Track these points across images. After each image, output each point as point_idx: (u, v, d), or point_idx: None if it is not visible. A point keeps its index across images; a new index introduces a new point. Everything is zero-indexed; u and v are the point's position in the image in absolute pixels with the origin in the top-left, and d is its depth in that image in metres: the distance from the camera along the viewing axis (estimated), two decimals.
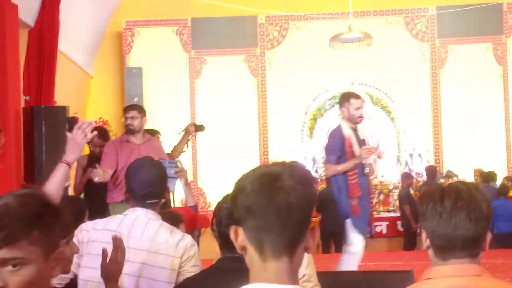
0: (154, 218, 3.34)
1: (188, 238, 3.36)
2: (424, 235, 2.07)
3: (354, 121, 6.08)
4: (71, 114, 11.97)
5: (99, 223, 3.36)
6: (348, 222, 6.03)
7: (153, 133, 8.49)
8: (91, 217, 3.93)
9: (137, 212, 3.35)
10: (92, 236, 3.26)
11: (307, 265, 3.35)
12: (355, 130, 6.10)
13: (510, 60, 13.95)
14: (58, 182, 3.17)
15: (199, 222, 5.09)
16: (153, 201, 3.36)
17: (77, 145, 3.30)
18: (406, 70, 13.89)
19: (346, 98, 6.18)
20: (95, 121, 13.66)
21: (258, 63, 14.09)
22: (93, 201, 5.94)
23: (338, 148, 5.97)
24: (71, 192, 7.59)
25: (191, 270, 3.21)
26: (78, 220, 3.68)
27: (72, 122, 7.48)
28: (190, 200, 5.32)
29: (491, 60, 13.97)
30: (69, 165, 3.24)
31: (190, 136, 7.76)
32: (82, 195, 6.94)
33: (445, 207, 1.99)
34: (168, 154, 7.63)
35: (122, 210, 6.04)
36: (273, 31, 14.16)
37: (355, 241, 5.90)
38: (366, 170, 6.12)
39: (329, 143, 6.15)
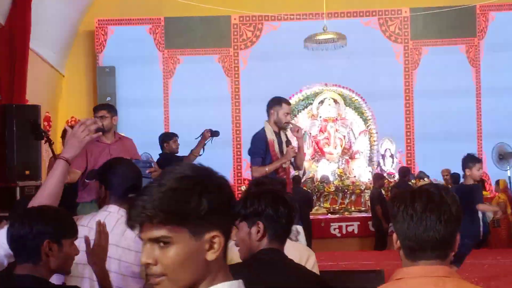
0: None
1: None
2: (395, 236, 2.09)
3: (281, 125, 6.14)
4: (42, 113, 11.91)
5: (83, 219, 3.40)
6: None
7: (171, 136, 8.53)
8: None
9: (110, 208, 3.37)
10: None
11: (313, 266, 3.36)
12: (278, 134, 6.14)
13: (483, 62, 14.09)
14: (57, 180, 3.10)
15: None
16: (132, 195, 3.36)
17: (78, 141, 3.18)
18: (379, 71, 13.98)
19: (277, 101, 6.22)
20: (67, 121, 13.54)
21: (231, 63, 14.08)
22: (63, 200, 5.86)
23: (262, 150, 6.01)
24: None
25: None
26: None
27: (35, 125, 7.39)
28: None
29: (464, 62, 14.10)
30: (68, 162, 3.15)
31: (206, 141, 8.09)
32: None
33: (416, 210, 2.01)
34: (185, 157, 8.17)
35: (91, 210, 6.01)
36: (247, 31, 14.16)
37: None
38: (286, 165, 6.11)
39: (252, 146, 6.17)
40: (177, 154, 8.68)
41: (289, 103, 6.32)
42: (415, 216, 2.00)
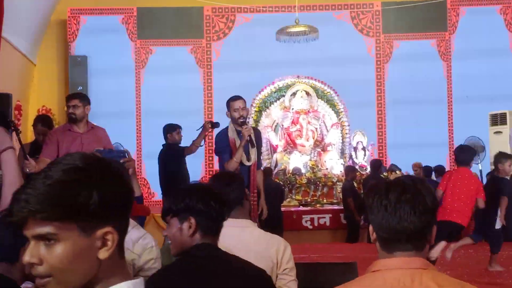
0: None
1: (149, 238, 3.28)
2: (371, 228, 2.09)
3: (236, 122, 6.24)
4: (14, 101, 11.75)
5: None
6: None
7: (175, 127, 8.49)
8: None
9: None
10: None
11: (290, 258, 3.36)
12: (240, 132, 6.24)
13: (454, 57, 14.24)
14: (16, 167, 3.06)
15: (136, 209, 5.01)
16: None
17: None
18: (351, 64, 14.05)
19: (227, 102, 6.38)
20: (38, 109, 13.40)
21: (204, 55, 14.04)
22: None
23: (227, 146, 6.20)
24: None
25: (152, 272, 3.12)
26: None
27: (2, 115, 7.28)
28: (137, 190, 5.25)
29: (435, 56, 14.24)
30: (12, 147, 3.11)
31: (207, 132, 8.34)
32: None
33: (390, 200, 1.99)
34: (186, 148, 8.33)
35: None
36: (220, 22, 14.12)
37: None
38: (249, 163, 6.25)
39: (216, 146, 6.37)
40: (180, 145, 8.76)
41: (236, 98, 6.36)
42: (389, 207, 1.99)
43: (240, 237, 3.30)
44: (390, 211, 1.99)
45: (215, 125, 8.02)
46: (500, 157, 7.83)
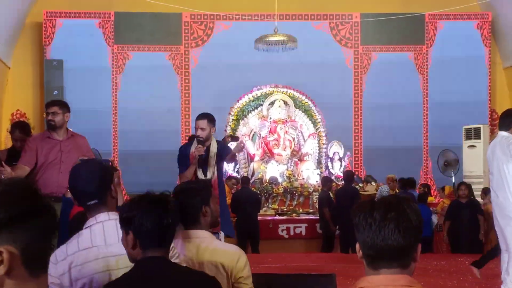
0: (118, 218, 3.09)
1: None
2: (357, 245, 2.10)
3: (198, 138, 6.41)
4: None
5: (69, 247, 3.04)
6: None
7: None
8: None
9: (99, 218, 3.08)
10: (72, 262, 2.99)
11: (244, 266, 3.32)
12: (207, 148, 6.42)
13: (430, 69, 14.36)
14: None
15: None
16: (92, 202, 3.08)
17: None
18: (329, 74, 14.12)
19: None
20: (12, 113, 13.23)
21: (182, 61, 13.99)
22: None
23: (183, 159, 6.41)
24: None
25: None
26: None
27: None
28: (120, 200, 5.16)
29: (412, 69, 14.36)
30: None
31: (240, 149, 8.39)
32: None
33: (375, 218, 2.01)
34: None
35: None
36: (198, 29, 14.09)
37: None
38: (208, 177, 6.39)
39: (178, 157, 6.53)
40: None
41: (199, 118, 6.51)
42: (373, 225, 2.01)
43: (196, 249, 3.27)
44: (374, 229, 2.01)
45: (234, 138, 8.66)
46: None
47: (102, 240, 3.03)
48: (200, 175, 6.34)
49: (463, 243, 10.40)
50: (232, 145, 8.54)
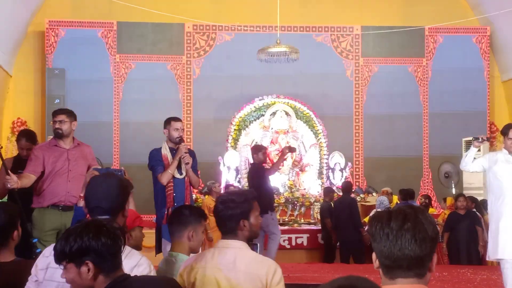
0: None
1: (144, 264, 3.14)
2: (374, 255, 2.14)
3: (174, 140, 6.62)
4: None
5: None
6: (163, 228, 6.30)
7: (260, 148, 9.57)
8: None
9: None
10: (50, 262, 3.00)
11: (280, 280, 3.29)
12: (173, 150, 6.60)
13: (430, 82, 14.44)
14: None
15: (138, 220, 5.02)
16: (103, 217, 3.04)
17: None
18: (330, 86, 14.20)
19: (167, 120, 6.76)
20: (13, 121, 13.23)
21: (184, 71, 14.03)
22: (15, 206, 5.69)
23: (159, 161, 6.53)
24: None
25: None
26: (12, 226, 3.53)
27: None
28: (131, 205, 5.20)
29: (412, 81, 14.44)
30: None
31: (285, 156, 9.27)
32: (5, 199, 6.62)
33: (392, 228, 2.06)
34: (267, 169, 9.20)
35: (47, 216, 5.92)
36: (200, 40, 14.14)
37: (167, 247, 6.03)
38: (181, 176, 6.57)
39: (150, 161, 6.64)
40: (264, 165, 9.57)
41: (178, 120, 6.85)
42: (390, 234, 2.06)
43: (233, 258, 3.27)
44: (391, 239, 2.06)
45: (292, 149, 9.15)
46: None
47: None
48: (176, 174, 6.52)
49: (461, 254, 10.44)
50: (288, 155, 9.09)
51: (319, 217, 11.89)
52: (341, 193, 12.25)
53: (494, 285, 8.25)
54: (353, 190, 12.55)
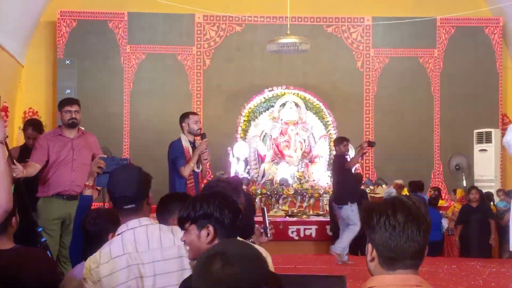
0: (150, 223, 3.18)
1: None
2: (369, 246, 2.11)
3: (194, 133, 6.74)
4: (0, 103, 11.68)
5: (102, 256, 3.07)
6: None
7: (342, 140, 9.58)
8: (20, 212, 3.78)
9: (130, 225, 3.14)
10: (105, 271, 3.03)
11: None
12: (192, 143, 6.71)
13: (442, 73, 14.36)
14: (3, 164, 2.95)
15: None
16: (129, 206, 3.16)
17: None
18: (341, 77, 14.16)
19: (186, 114, 6.89)
20: (25, 111, 13.31)
21: (194, 62, 14.03)
22: (21, 195, 5.72)
23: (182, 153, 6.59)
24: None
25: None
26: (10, 212, 3.53)
27: None
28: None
29: (423, 72, 14.36)
30: (2, 142, 3.05)
31: (364, 150, 9.37)
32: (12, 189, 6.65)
33: (398, 221, 2.04)
34: (347, 162, 9.38)
35: (52, 205, 5.95)
36: (211, 30, 14.13)
37: None
38: (198, 170, 6.71)
39: (173, 152, 6.68)
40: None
41: (195, 113, 7.08)
42: (397, 227, 2.04)
43: None
44: (398, 231, 2.05)
45: (372, 144, 9.35)
46: None
47: (133, 247, 3.09)
48: (195, 168, 6.63)
49: (473, 247, 10.40)
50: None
51: (328, 208, 11.87)
52: None
53: (504, 278, 8.24)
54: (363, 182, 12.53)
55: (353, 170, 13.18)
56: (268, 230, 4.11)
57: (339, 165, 9.52)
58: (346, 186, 9.36)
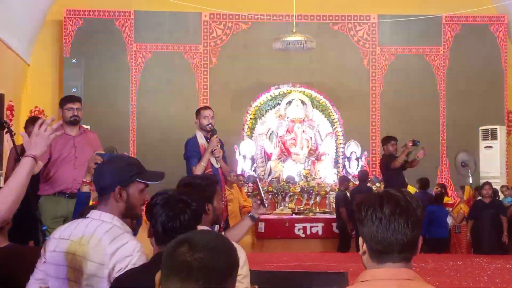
0: (106, 221, 2.95)
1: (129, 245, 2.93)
2: (360, 240, 2.11)
3: (205, 128, 6.71)
4: (6, 102, 11.71)
5: (58, 231, 3.04)
6: None
7: (389, 139, 9.82)
8: (20, 210, 3.79)
9: (92, 214, 3.01)
10: (51, 246, 2.98)
11: (243, 265, 3.23)
12: (208, 139, 6.69)
13: (447, 71, 14.33)
14: (24, 177, 2.90)
15: None
16: (101, 196, 3.05)
17: (44, 140, 3.02)
18: (347, 75, 14.16)
19: (198, 110, 6.94)
20: (31, 110, 13.35)
21: (200, 60, 14.05)
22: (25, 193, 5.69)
23: (195, 152, 6.62)
24: (2, 183, 7.32)
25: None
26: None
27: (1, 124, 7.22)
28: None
29: (429, 70, 14.34)
30: (36, 160, 3.02)
31: (409, 150, 9.61)
32: None
33: (385, 213, 2.04)
34: (392, 162, 9.49)
35: (53, 203, 5.96)
36: (217, 29, 14.14)
37: None
38: (218, 165, 6.69)
39: (188, 150, 6.72)
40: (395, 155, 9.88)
41: (207, 108, 7.03)
42: (384, 219, 2.04)
43: None
44: (385, 224, 2.04)
45: (416, 142, 9.49)
46: None
47: (67, 234, 2.97)
48: (214, 162, 6.63)
49: (484, 243, 10.35)
50: (414, 149, 9.61)
51: (334, 206, 11.88)
52: (357, 182, 12.23)
53: (508, 273, 8.22)
54: (369, 179, 12.54)
55: (358, 168, 13.29)
56: (264, 200, 4.11)
57: (384, 165, 9.72)
58: (391, 186, 9.38)
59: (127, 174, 3.02)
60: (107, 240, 2.84)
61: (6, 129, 6.95)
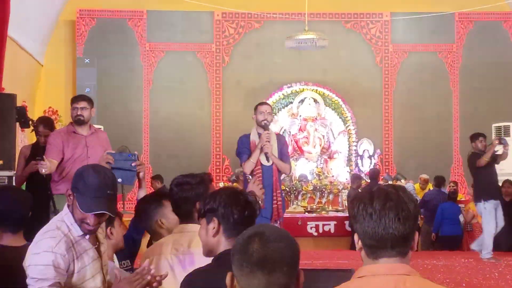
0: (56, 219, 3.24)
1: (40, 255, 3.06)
2: (356, 236, 2.12)
3: (259, 124, 6.73)
4: (19, 102, 11.77)
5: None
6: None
7: (477, 136, 9.73)
8: (34, 210, 3.85)
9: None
10: None
11: None
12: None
13: (460, 68, 14.26)
14: None
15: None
16: None
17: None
18: (359, 73, 14.12)
19: (255, 107, 6.92)
20: (44, 111, 13.43)
21: (213, 59, 14.07)
22: (36, 193, 5.72)
23: (245, 148, 6.65)
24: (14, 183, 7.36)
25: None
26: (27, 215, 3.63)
27: (21, 112, 7.29)
28: (142, 194, 5.19)
29: (442, 68, 14.28)
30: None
31: (496, 148, 9.57)
32: (23, 187, 6.72)
33: (375, 208, 2.05)
34: (479, 159, 9.37)
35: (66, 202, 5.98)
36: (230, 28, 14.16)
37: None
38: (269, 163, 6.62)
39: (238, 147, 6.78)
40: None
41: (262, 104, 6.99)
42: (374, 214, 2.05)
43: (188, 242, 3.34)
44: (375, 219, 2.05)
45: (502, 141, 9.55)
46: None
47: None
48: (264, 161, 6.60)
49: (503, 241, 10.19)
50: (499, 148, 9.51)
51: (346, 204, 11.88)
52: (369, 180, 12.21)
53: None
54: (382, 177, 12.53)
55: (371, 166, 13.27)
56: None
57: (471, 164, 9.64)
58: (478, 183, 9.46)
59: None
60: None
61: (32, 128, 7.03)
